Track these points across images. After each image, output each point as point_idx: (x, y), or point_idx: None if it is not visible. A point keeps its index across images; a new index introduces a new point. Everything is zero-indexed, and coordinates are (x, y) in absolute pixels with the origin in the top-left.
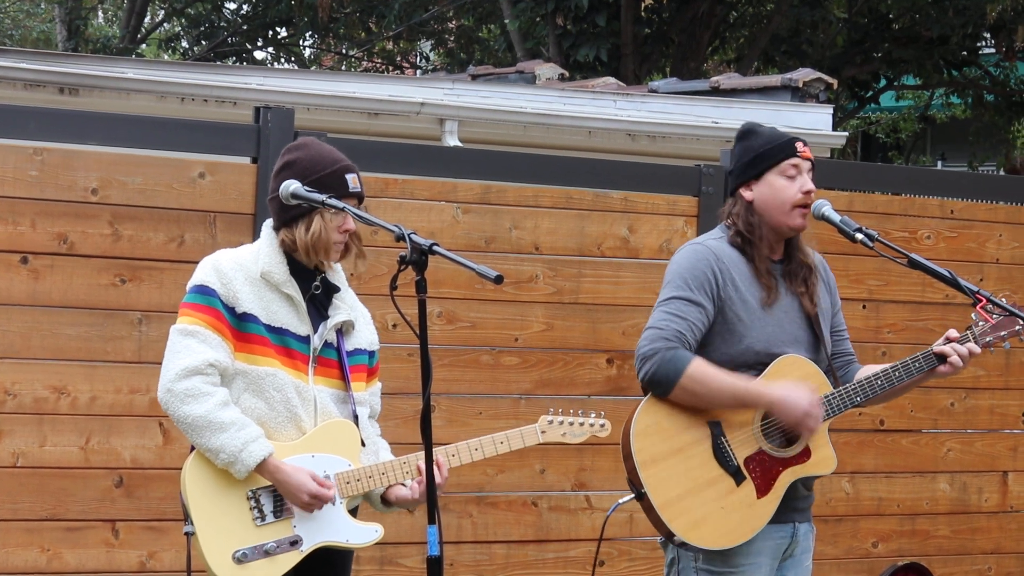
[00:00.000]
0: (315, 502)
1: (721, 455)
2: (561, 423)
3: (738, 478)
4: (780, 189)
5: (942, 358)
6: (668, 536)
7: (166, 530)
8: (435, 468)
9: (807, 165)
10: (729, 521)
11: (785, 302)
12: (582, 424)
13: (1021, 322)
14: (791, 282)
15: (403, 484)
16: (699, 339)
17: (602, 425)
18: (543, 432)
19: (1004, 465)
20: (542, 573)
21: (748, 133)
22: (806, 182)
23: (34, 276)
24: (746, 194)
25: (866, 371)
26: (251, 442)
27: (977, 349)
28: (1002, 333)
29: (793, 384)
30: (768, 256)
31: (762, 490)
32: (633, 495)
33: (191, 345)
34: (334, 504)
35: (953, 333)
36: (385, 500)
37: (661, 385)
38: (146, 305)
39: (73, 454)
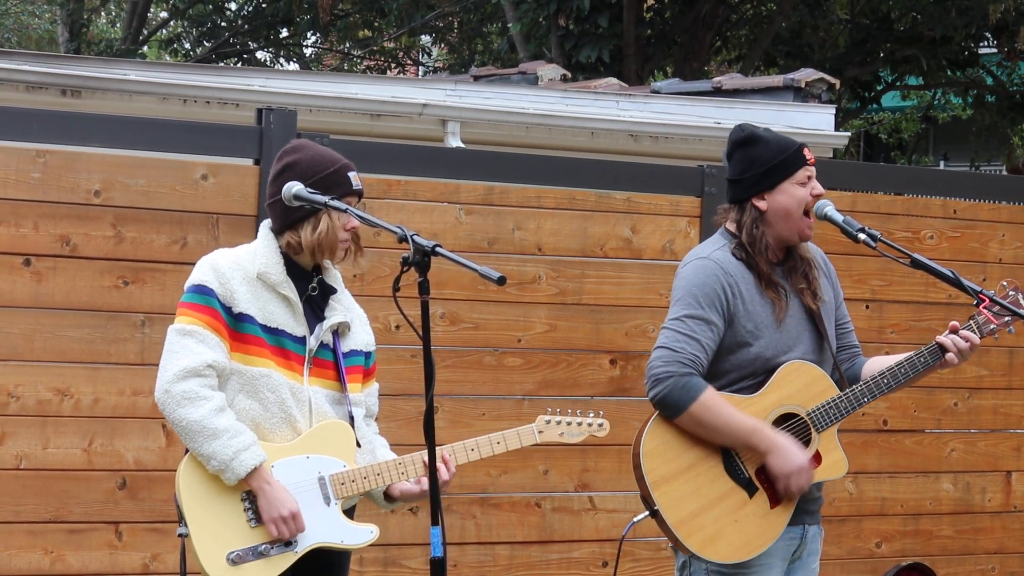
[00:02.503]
0: (288, 521)
1: (732, 468)
2: (559, 423)
3: (750, 490)
4: (796, 196)
5: (945, 349)
6: (686, 552)
7: (169, 532)
8: (442, 464)
9: (814, 171)
10: (744, 534)
11: (791, 304)
12: (580, 424)
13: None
14: (792, 279)
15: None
16: (711, 359)
17: (600, 425)
18: (540, 432)
19: (1008, 465)
20: (545, 574)
21: (752, 140)
22: (816, 186)
23: (37, 278)
24: (760, 204)
25: (873, 365)
26: (243, 451)
27: (975, 338)
28: (1005, 319)
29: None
30: (771, 261)
31: (775, 499)
32: (647, 513)
33: (189, 345)
34: (330, 505)
35: (956, 324)
36: (388, 496)
37: (670, 409)
38: (149, 307)
39: (76, 456)
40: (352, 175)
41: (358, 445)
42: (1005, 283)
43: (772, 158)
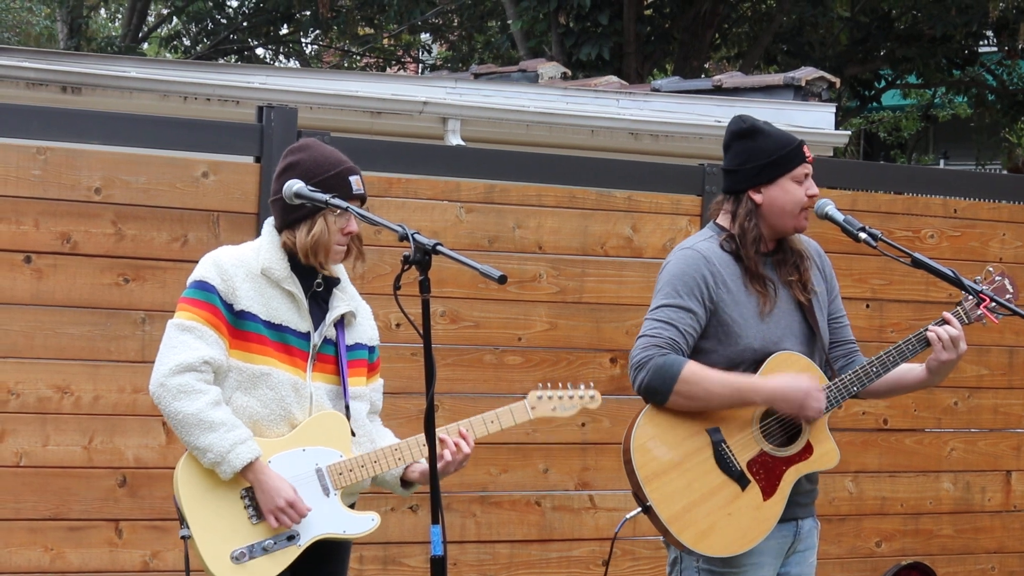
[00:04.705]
0: (287, 510)
1: (723, 461)
2: (551, 397)
3: (742, 482)
4: (793, 194)
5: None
6: (680, 547)
7: (169, 529)
8: (462, 440)
9: (811, 169)
10: (738, 527)
11: (779, 296)
12: (571, 397)
13: (1010, 291)
14: (782, 271)
15: (419, 461)
16: (692, 345)
17: (592, 396)
18: (533, 408)
19: (1008, 464)
20: (545, 573)
21: (752, 132)
22: (812, 186)
23: (37, 276)
24: (756, 197)
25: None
26: (239, 444)
27: (956, 331)
28: (991, 305)
29: (790, 374)
30: (760, 252)
31: (768, 492)
32: (640, 509)
33: (187, 341)
34: (329, 496)
35: (948, 315)
36: (405, 482)
37: (657, 392)
38: (149, 304)
39: (76, 454)
40: (354, 179)
41: (353, 435)
42: (991, 268)
43: (773, 152)
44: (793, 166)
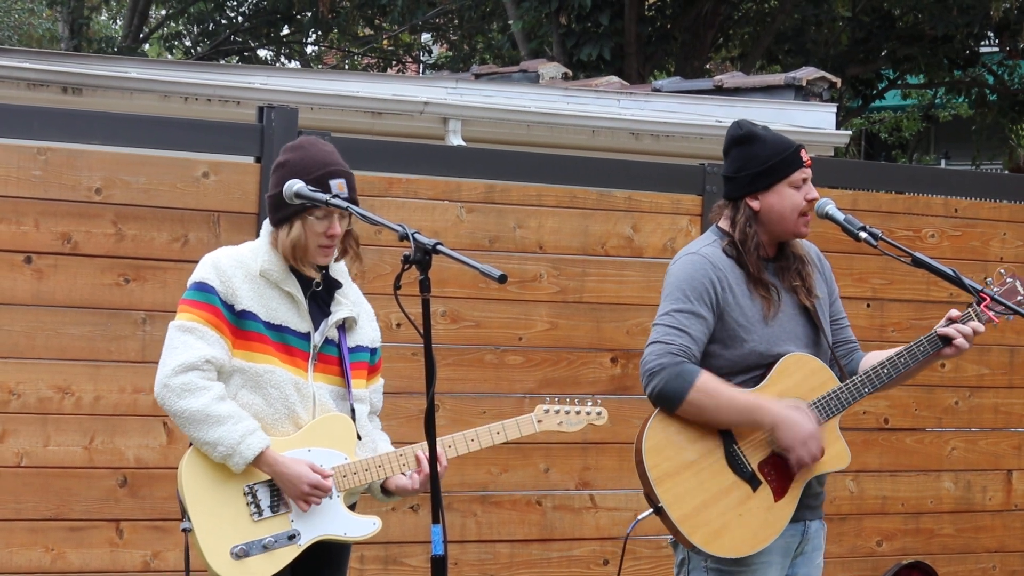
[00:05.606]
0: (315, 492)
1: (735, 462)
2: (557, 412)
3: (754, 484)
4: (790, 199)
5: (946, 340)
6: (690, 548)
7: (170, 529)
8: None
9: (810, 173)
10: (749, 527)
11: (783, 301)
12: (579, 412)
13: (1021, 293)
14: (785, 277)
15: (402, 474)
16: (703, 351)
17: (599, 413)
18: (539, 422)
19: (1008, 464)
20: (546, 572)
21: (749, 138)
22: (811, 190)
23: (38, 276)
24: (753, 204)
25: (870, 359)
26: (249, 435)
27: (980, 327)
28: (1000, 308)
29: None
30: (762, 258)
31: (779, 493)
32: (652, 511)
33: (188, 341)
34: (332, 498)
35: (955, 313)
36: (385, 490)
37: (669, 400)
38: (150, 305)
39: (77, 454)
40: (335, 183)
41: (358, 438)
42: (1003, 271)
43: (768, 158)
44: (789, 172)
